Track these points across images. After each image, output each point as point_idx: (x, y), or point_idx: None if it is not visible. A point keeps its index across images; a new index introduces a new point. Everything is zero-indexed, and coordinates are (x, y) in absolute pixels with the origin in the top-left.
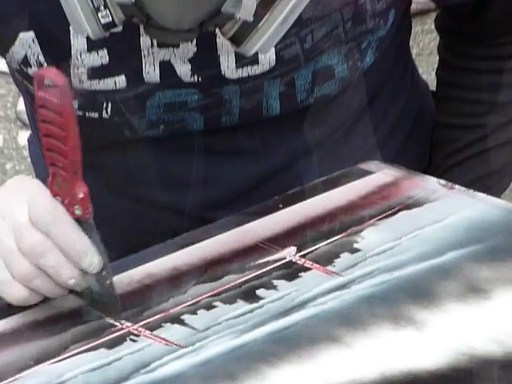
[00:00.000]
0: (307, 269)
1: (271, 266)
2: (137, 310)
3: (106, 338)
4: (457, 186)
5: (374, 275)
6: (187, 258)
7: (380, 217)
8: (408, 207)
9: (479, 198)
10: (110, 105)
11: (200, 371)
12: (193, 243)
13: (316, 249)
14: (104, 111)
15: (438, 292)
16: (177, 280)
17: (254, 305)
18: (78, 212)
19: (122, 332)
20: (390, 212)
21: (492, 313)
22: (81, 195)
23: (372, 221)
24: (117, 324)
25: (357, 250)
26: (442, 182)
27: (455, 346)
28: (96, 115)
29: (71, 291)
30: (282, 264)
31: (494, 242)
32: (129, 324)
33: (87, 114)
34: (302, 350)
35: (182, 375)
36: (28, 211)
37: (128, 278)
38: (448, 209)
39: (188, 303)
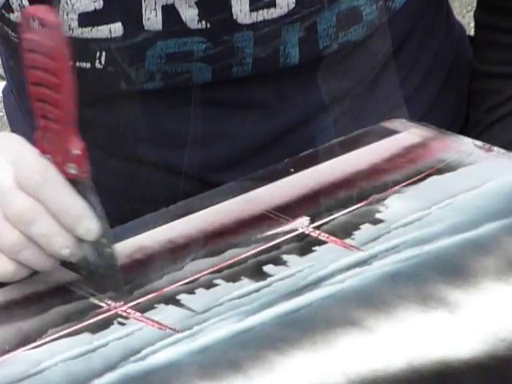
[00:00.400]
0: (322, 242)
1: (281, 239)
2: (126, 288)
3: (90, 321)
4: (495, 148)
5: (399, 250)
6: (184, 230)
7: (406, 183)
8: (439, 172)
9: None
10: (104, 54)
11: (198, 359)
12: (191, 212)
13: (332, 219)
14: (97, 61)
15: (474, 269)
16: (172, 254)
17: (261, 283)
18: (72, 171)
19: (108, 314)
20: (418, 177)
21: None
22: (76, 151)
23: (397, 187)
24: (102, 305)
25: (379, 221)
26: (479, 143)
27: (493, 331)
28: (88, 65)
29: (64, 262)
30: (294, 236)
31: None
32: (116, 305)
33: (78, 63)
34: (316, 335)
35: (176, 364)
36: (13, 173)
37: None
38: (485, 174)
39: (185, 281)
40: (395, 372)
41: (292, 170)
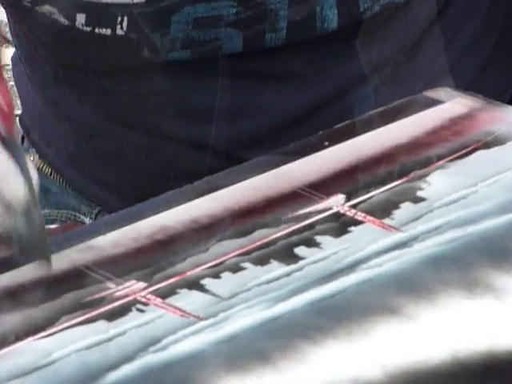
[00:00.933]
0: (359, 222)
1: (314, 219)
2: (145, 272)
3: (107, 308)
4: None
5: (442, 231)
6: (209, 208)
7: (451, 157)
8: (486, 146)
9: None
10: (125, 19)
11: (223, 349)
12: (216, 189)
13: (370, 197)
14: (118, 27)
15: None
16: (196, 235)
17: (292, 266)
18: None
19: (126, 300)
20: (463, 152)
21: None
22: (3, 107)
23: (441, 162)
24: (120, 289)
25: (421, 200)
26: None
27: None
28: (108, 32)
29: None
30: (328, 216)
31: None
32: (135, 290)
33: (97, 30)
34: (351, 324)
35: (200, 354)
36: None
37: (135, 231)
38: None
39: (210, 264)
40: (438, 364)
41: (326, 143)
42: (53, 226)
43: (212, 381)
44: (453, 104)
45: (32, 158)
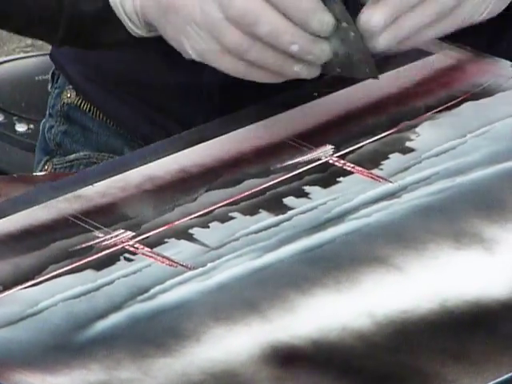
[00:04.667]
0: (347, 172)
1: (302, 169)
2: (134, 221)
3: (94, 257)
4: None
5: (431, 181)
6: (197, 158)
7: (440, 108)
8: (475, 97)
9: None
10: None
11: (212, 299)
12: (205, 139)
13: (358, 148)
14: None
15: None
16: (184, 185)
17: (281, 216)
18: None
19: (114, 249)
20: (452, 103)
21: None
22: None
23: (429, 113)
24: (108, 239)
25: (410, 150)
26: None
27: None
28: None
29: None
30: (316, 166)
31: None
32: (123, 238)
33: None
34: (340, 274)
35: (188, 303)
36: None
37: (123, 181)
38: None
39: (198, 213)
40: (426, 314)
41: (315, 94)
42: (40, 174)
43: (200, 330)
44: (441, 55)
45: (69, 95)
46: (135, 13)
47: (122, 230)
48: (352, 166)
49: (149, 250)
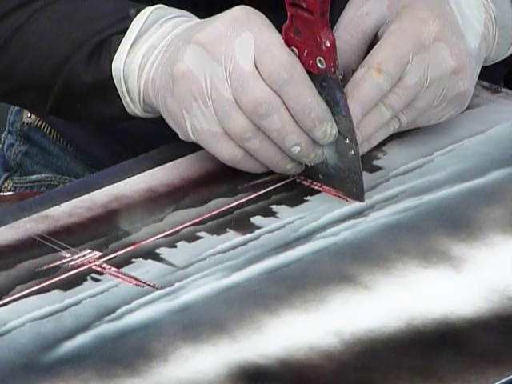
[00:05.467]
0: (315, 191)
1: (270, 188)
2: (101, 241)
3: (62, 277)
4: (504, 90)
5: (398, 200)
6: (165, 177)
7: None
8: None
9: None
10: None
11: (179, 318)
12: (172, 158)
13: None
14: None
15: (479, 221)
16: (151, 204)
17: (248, 236)
18: (320, 65)
19: (81, 269)
20: None
21: None
22: (327, 43)
23: (396, 132)
24: (75, 259)
25: (377, 169)
26: (485, 83)
27: (500, 289)
28: None
29: (305, 169)
30: (284, 185)
31: None
32: (90, 258)
33: None
34: (307, 293)
35: (155, 323)
36: (255, 58)
37: (90, 201)
38: (492, 117)
39: (165, 233)
40: (393, 332)
41: None
42: (7, 194)
43: (167, 350)
44: None
45: (29, 115)
46: (137, 89)
47: (89, 250)
48: (319, 184)
49: (116, 269)
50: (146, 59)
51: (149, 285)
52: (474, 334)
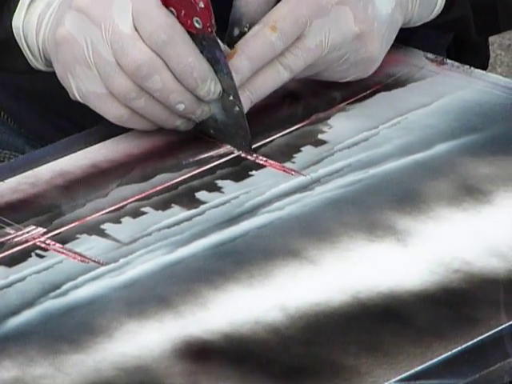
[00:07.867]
0: (260, 166)
1: (215, 163)
2: (45, 217)
3: (6, 253)
4: (449, 61)
5: (343, 173)
6: (109, 153)
7: (351, 100)
8: (387, 87)
9: (477, 75)
10: None
11: (124, 294)
12: (116, 134)
13: (270, 141)
14: None
15: (425, 194)
16: (96, 180)
17: (193, 211)
18: (198, 25)
19: (25, 245)
20: (364, 94)
21: (492, 219)
22: (201, 5)
23: (341, 105)
24: (19, 235)
25: (322, 142)
26: (431, 55)
27: (446, 262)
28: None
29: (196, 125)
30: (229, 160)
31: (494, 131)
32: (34, 235)
33: None
34: (252, 267)
35: (101, 299)
36: (133, 21)
37: (34, 177)
38: (437, 89)
39: (110, 209)
40: (338, 306)
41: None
42: None
43: (112, 326)
44: None
45: None
46: (37, 46)
47: (33, 227)
48: (264, 159)
49: (60, 246)
50: (42, 18)
51: (94, 261)
52: (419, 307)
